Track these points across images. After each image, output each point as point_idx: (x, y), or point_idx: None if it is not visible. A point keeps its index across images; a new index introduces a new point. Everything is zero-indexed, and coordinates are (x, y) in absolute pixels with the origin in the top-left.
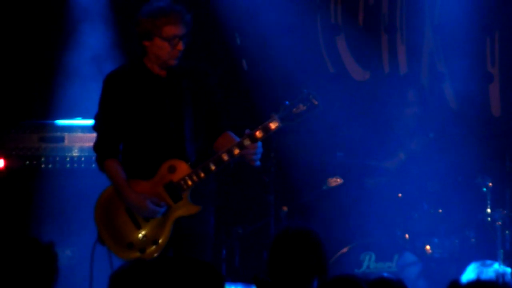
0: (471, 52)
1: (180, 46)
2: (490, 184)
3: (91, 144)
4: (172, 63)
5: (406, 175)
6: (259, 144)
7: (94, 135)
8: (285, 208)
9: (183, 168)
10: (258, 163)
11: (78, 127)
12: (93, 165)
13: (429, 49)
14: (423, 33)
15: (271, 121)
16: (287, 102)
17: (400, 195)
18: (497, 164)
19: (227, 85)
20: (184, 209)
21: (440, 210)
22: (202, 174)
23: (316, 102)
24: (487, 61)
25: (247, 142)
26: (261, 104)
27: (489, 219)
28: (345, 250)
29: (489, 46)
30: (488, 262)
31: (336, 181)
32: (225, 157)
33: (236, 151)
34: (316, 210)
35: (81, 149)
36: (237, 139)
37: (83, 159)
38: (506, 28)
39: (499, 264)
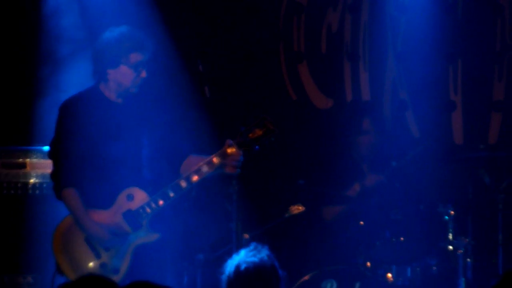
0: (433, 80)
1: (144, 73)
2: (452, 212)
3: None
4: (133, 91)
5: (368, 203)
6: (240, 156)
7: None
8: (246, 236)
9: (141, 196)
10: (238, 170)
11: (40, 152)
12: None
13: (392, 77)
14: (386, 61)
15: (227, 147)
16: (243, 128)
17: (362, 223)
18: (459, 193)
19: (190, 112)
20: (143, 237)
21: (402, 238)
22: (161, 202)
23: (272, 127)
24: (449, 89)
25: (204, 168)
26: (223, 131)
27: (450, 247)
28: (306, 277)
29: (451, 74)
30: None
31: (298, 208)
32: (184, 183)
33: (195, 178)
34: (278, 238)
35: (43, 176)
36: (204, 158)
37: (44, 185)
38: (469, 56)
39: None
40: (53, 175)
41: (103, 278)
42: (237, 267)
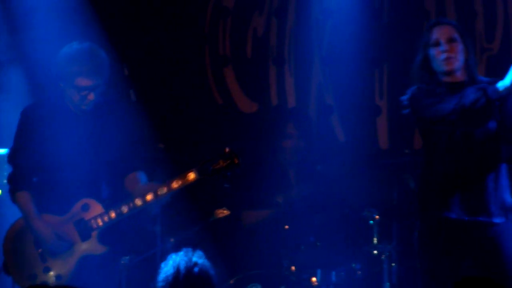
0: (359, 85)
1: (92, 96)
2: (377, 216)
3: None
4: (84, 108)
5: (293, 207)
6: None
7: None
8: (171, 240)
9: (96, 208)
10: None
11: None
12: None
13: (318, 81)
14: (311, 65)
15: (189, 173)
16: (208, 157)
17: (286, 226)
18: (384, 197)
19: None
20: (91, 248)
21: (327, 242)
22: (113, 215)
23: (237, 161)
24: (375, 93)
25: (162, 191)
26: (150, 135)
27: (375, 251)
28: (231, 281)
29: (377, 79)
30: None
31: (223, 212)
32: (139, 202)
33: (149, 197)
34: (203, 241)
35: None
36: (143, 181)
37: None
38: (395, 61)
39: None
40: (9, 178)
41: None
42: (176, 272)
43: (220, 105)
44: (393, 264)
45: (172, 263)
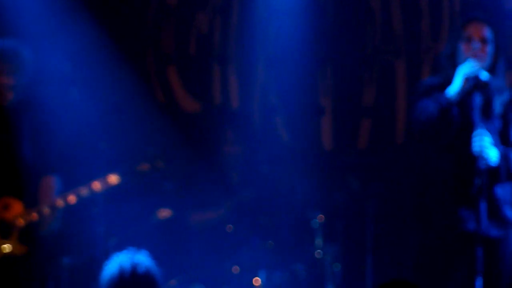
0: (303, 85)
1: (11, 94)
2: (321, 218)
3: None
4: (4, 104)
5: (236, 207)
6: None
7: None
8: (113, 240)
9: (17, 207)
10: None
11: None
12: None
13: (261, 81)
14: (255, 65)
15: (112, 175)
16: (131, 160)
17: (230, 227)
18: (328, 198)
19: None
20: (11, 247)
21: (271, 243)
22: (35, 216)
23: (160, 164)
24: (319, 93)
25: (84, 191)
26: (90, 135)
27: (319, 253)
28: (173, 282)
29: (321, 79)
30: None
31: (166, 212)
32: (60, 202)
33: (71, 198)
34: (145, 241)
35: None
36: (58, 183)
37: None
38: (339, 61)
39: None
40: None
41: None
42: (121, 271)
43: (163, 104)
44: (336, 266)
45: (116, 263)
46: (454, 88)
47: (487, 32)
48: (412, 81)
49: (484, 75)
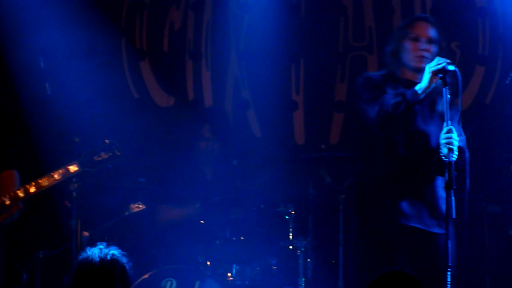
0: (276, 80)
1: None
2: (293, 212)
3: None
4: None
5: (208, 202)
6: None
7: None
8: (86, 234)
9: None
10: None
11: None
12: None
13: (234, 76)
14: (228, 60)
15: (70, 165)
16: (89, 149)
17: (202, 221)
18: (300, 192)
19: (32, 110)
20: None
21: (242, 238)
22: None
23: (118, 153)
24: (292, 88)
25: (44, 182)
26: (64, 129)
27: (291, 246)
28: (146, 276)
29: (294, 74)
30: None
31: (138, 207)
32: (21, 193)
33: (32, 190)
34: (118, 236)
35: None
36: (17, 177)
37: None
38: (312, 56)
39: None
40: None
41: None
42: (90, 261)
43: (136, 99)
44: (308, 260)
45: (86, 255)
46: (422, 84)
47: (433, 33)
48: None
49: (452, 67)
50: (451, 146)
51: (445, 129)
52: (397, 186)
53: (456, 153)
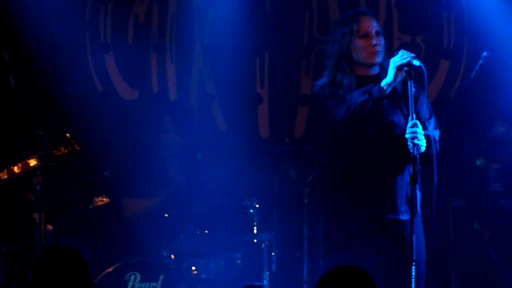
0: (240, 73)
1: None
2: (257, 205)
3: None
4: None
5: (172, 195)
6: None
7: None
8: (50, 227)
9: None
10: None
11: None
12: None
13: (199, 70)
14: (192, 53)
15: (30, 159)
16: (49, 143)
17: (166, 215)
18: (265, 186)
19: None
20: None
21: (207, 231)
22: None
23: (78, 148)
24: (256, 82)
25: (4, 175)
26: (28, 122)
27: (255, 240)
28: (110, 269)
29: (258, 67)
30: (257, 284)
31: (102, 200)
32: None
33: None
34: (82, 229)
35: None
36: None
37: None
38: (276, 50)
39: (266, 286)
40: None
41: None
42: (48, 258)
43: (100, 92)
44: (272, 253)
45: (48, 248)
46: (388, 79)
47: (377, 24)
48: None
49: (417, 62)
50: (416, 141)
51: (410, 123)
52: (366, 179)
53: (423, 147)
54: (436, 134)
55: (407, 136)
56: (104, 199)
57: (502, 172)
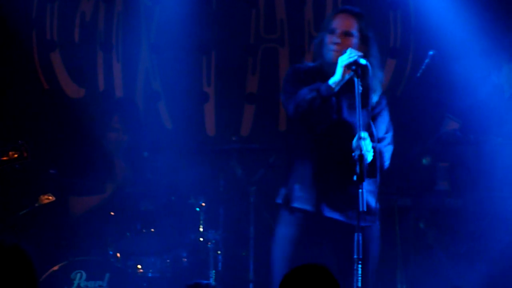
0: (187, 71)
1: None
2: (203, 204)
3: None
4: None
5: (118, 193)
6: None
7: None
8: None
9: None
10: None
11: None
12: None
13: (145, 68)
14: (139, 51)
15: None
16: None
17: (112, 213)
18: (211, 184)
19: None
20: None
21: (153, 230)
22: None
23: (25, 154)
24: (203, 80)
25: None
26: None
27: (201, 239)
28: (56, 268)
29: (205, 66)
30: (204, 282)
31: (48, 198)
32: None
33: None
34: (27, 228)
35: None
36: None
37: None
38: (223, 48)
39: (212, 284)
40: None
41: None
42: None
43: (46, 90)
44: (219, 252)
45: None
46: (336, 78)
47: (353, 26)
48: None
49: (363, 61)
50: (363, 152)
51: (357, 136)
52: (319, 179)
53: (370, 157)
54: (388, 149)
55: (353, 146)
56: (50, 197)
57: (450, 171)
